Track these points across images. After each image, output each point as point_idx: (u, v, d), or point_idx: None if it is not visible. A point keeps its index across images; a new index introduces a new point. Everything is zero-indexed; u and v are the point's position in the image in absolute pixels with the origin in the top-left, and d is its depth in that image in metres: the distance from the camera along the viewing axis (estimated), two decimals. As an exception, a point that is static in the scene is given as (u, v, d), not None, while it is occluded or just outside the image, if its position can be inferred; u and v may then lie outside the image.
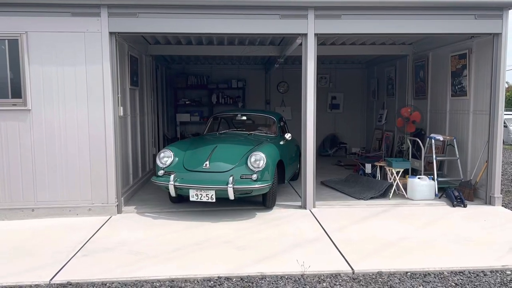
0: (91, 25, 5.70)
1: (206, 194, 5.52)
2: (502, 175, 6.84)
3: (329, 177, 8.50)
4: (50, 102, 5.75)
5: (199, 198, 5.55)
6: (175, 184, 5.59)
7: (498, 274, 4.03)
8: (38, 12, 5.63)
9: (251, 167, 5.68)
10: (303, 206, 6.26)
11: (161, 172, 5.86)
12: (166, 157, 5.93)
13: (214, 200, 5.53)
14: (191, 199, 5.60)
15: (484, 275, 4.01)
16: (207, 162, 5.78)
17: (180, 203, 6.34)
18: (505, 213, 6.09)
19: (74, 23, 5.68)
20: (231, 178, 5.53)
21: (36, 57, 5.68)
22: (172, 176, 5.66)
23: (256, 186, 5.58)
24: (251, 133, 7.15)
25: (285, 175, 6.68)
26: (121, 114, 6.24)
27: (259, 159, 5.69)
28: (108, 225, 5.51)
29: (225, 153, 6.02)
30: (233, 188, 5.46)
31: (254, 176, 5.63)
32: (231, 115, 8.07)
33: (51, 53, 5.69)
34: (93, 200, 5.91)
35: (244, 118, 7.63)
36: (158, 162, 5.93)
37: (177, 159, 5.96)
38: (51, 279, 3.89)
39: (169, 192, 5.79)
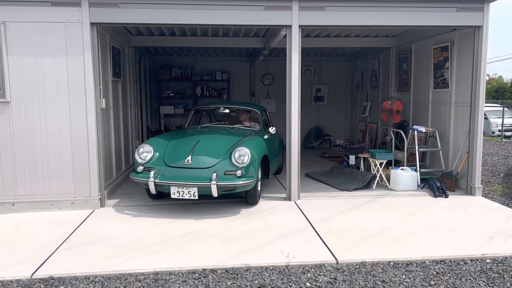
0: (72, 15, 5.58)
1: (188, 191, 5.32)
2: (482, 165, 6.96)
3: (314, 169, 8.55)
4: (30, 94, 5.63)
5: (180, 195, 5.33)
6: (155, 181, 5.36)
7: (478, 262, 4.12)
8: (17, 1, 5.48)
9: (235, 163, 5.48)
10: (288, 198, 6.29)
11: (140, 168, 5.57)
12: (145, 152, 5.68)
13: (196, 197, 5.33)
14: (172, 196, 5.38)
15: (465, 263, 4.09)
16: (189, 158, 5.54)
17: (161, 198, 6.16)
18: (485, 203, 6.21)
19: (54, 13, 5.56)
20: (214, 174, 5.31)
21: (15, 48, 5.54)
22: (152, 173, 5.41)
23: (241, 182, 5.37)
24: (234, 127, 6.92)
25: (269, 170, 6.52)
26: (103, 106, 6.15)
27: (243, 155, 5.49)
28: (91, 219, 5.44)
29: (208, 147, 5.80)
30: (217, 185, 5.25)
31: (239, 172, 5.41)
32: (214, 107, 7.81)
33: (30, 44, 5.56)
34: (75, 194, 5.82)
35: (227, 111, 7.40)
36: (137, 157, 5.67)
37: (157, 154, 5.71)
38: (32, 274, 3.83)
39: (147, 189, 5.58)
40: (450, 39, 7.11)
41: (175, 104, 11.96)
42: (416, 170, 6.94)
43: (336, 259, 4.12)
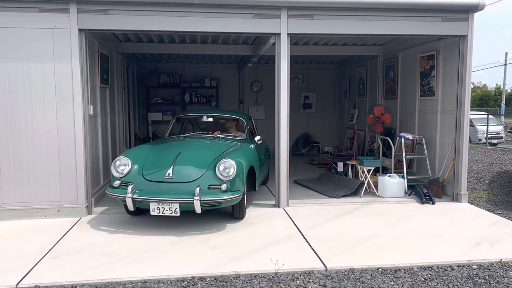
0: (60, 22, 5.55)
1: (169, 208, 4.92)
2: (468, 172, 7.07)
3: (302, 176, 8.58)
4: (16, 100, 5.57)
5: (161, 211, 4.94)
6: (133, 196, 4.95)
7: (464, 268, 4.16)
8: (3, 7, 5.43)
9: (220, 176, 5.10)
10: (277, 205, 6.29)
11: (117, 183, 5.14)
12: (122, 166, 5.25)
13: (178, 214, 4.95)
14: (151, 213, 4.98)
15: (452, 269, 4.13)
16: (170, 171, 5.14)
17: (141, 214, 5.77)
18: (471, 210, 6.29)
19: (41, 19, 5.52)
20: (197, 189, 4.92)
21: (1, 54, 5.48)
22: (129, 188, 5.00)
23: (226, 197, 5.00)
24: (219, 136, 6.53)
25: (256, 182, 6.19)
26: (91, 113, 6.10)
27: (228, 167, 5.12)
28: (77, 227, 5.37)
29: (190, 159, 5.41)
30: (200, 200, 4.86)
31: (224, 186, 5.03)
32: (196, 116, 7.32)
33: (17, 50, 5.51)
34: (62, 201, 5.75)
35: (211, 119, 6.97)
36: (113, 171, 5.24)
37: (135, 167, 5.29)
38: (18, 283, 3.77)
39: (125, 205, 5.16)
40: (436, 48, 7.22)
41: (163, 111, 11.91)
42: (403, 177, 7.01)
43: (325, 266, 4.13)
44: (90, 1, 5.55)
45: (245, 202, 5.69)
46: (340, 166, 8.05)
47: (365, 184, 7.06)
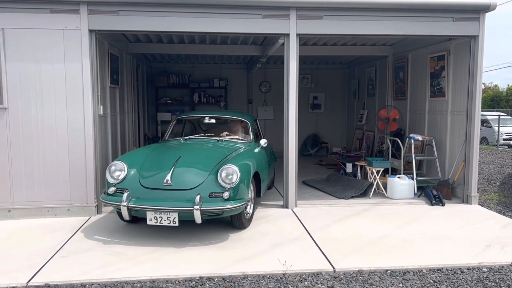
0: (70, 22, 5.60)
1: (167, 217, 4.60)
2: (478, 174, 7.00)
3: (311, 176, 8.56)
4: (27, 100, 5.63)
5: (158, 221, 4.62)
6: (129, 205, 4.63)
7: (474, 271, 4.12)
8: (16, 8, 5.50)
9: (222, 183, 4.74)
10: (285, 206, 6.29)
11: (111, 190, 4.82)
12: (118, 171, 4.92)
13: (176, 224, 4.62)
14: (148, 222, 4.65)
15: (461, 272, 4.09)
16: (169, 177, 4.79)
17: (136, 223, 5.41)
18: (481, 212, 6.23)
19: (52, 20, 5.58)
20: (198, 197, 4.57)
21: (13, 54, 5.55)
22: (125, 195, 4.68)
23: (229, 206, 4.64)
24: (221, 139, 6.17)
25: (260, 189, 5.81)
26: (101, 113, 6.14)
27: (231, 173, 4.76)
28: (87, 226, 5.42)
29: (191, 165, 5.05)
30: (200, 210, 4.52)
31: (226, 194, 4.67)
32: (198, 117, 6.96)
33: (28, 51, 5.57)
34: (72, 201, 5.80)
35: (213, 121, 6.61)
36: (108, 177, 4.92)
37: (132, 172, 4.96)
38: (28, 281, 3.81)
39: (119, 213, 4.93)
40: (446, 48, 7.16)
41: (172, 111, 11.96)
42: (412, 178, 6.96)
43: (333, 267, 4.12)
44: (101, 2, 5.60)
45: (249, 210, 5.39)
46: (349, 167, 8.02)
47: (374, 185, 7.02)
